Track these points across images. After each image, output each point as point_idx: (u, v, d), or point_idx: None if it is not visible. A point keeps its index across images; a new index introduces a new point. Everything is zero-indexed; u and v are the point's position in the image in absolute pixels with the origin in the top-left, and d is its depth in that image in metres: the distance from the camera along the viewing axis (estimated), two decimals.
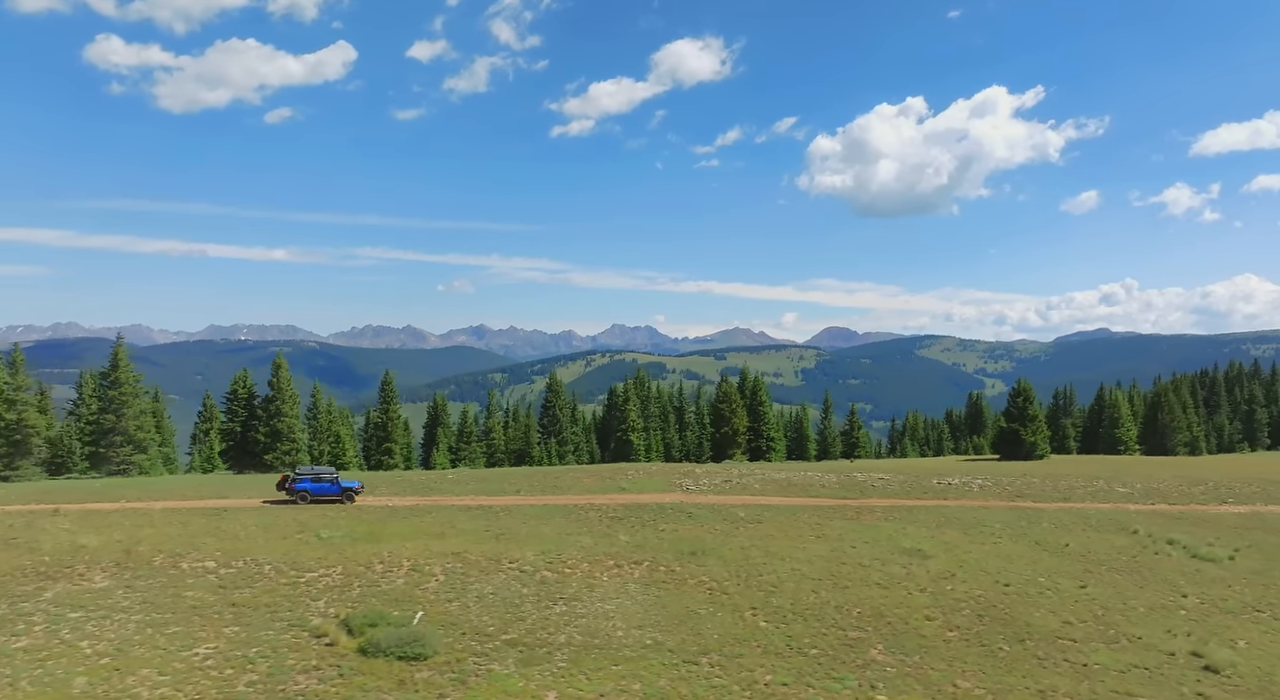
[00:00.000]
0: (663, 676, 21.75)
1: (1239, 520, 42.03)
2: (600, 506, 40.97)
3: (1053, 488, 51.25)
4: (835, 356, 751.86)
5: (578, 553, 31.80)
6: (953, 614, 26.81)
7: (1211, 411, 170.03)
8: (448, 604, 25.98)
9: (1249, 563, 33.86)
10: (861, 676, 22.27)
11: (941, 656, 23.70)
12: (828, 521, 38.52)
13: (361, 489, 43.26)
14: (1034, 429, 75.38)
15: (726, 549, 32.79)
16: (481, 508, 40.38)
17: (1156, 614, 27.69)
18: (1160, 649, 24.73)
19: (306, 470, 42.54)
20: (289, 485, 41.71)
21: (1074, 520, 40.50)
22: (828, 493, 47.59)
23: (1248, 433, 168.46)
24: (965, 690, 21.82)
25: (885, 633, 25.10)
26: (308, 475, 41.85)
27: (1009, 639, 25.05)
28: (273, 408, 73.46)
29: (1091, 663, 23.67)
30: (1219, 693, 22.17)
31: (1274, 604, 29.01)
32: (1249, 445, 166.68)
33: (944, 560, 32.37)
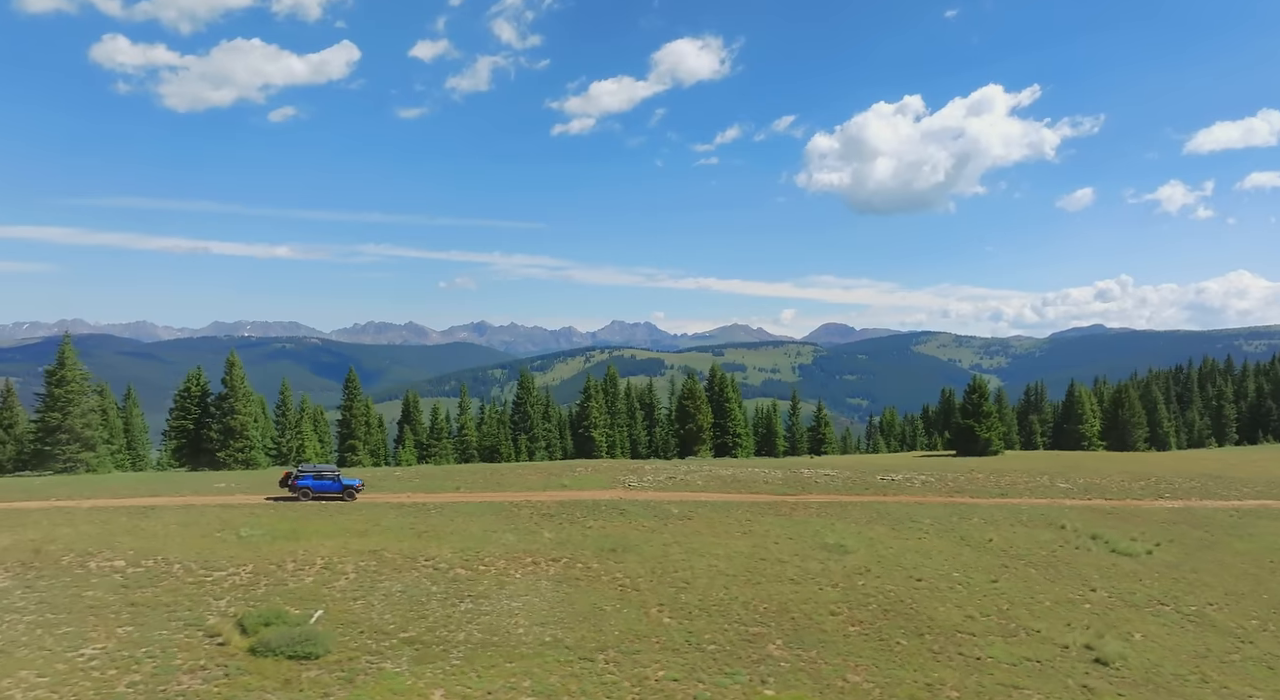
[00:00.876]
0: (555, 673, 21.80)
1: (1169, 515, 42.65)
2: (535, 503, 40.91)
3: (995, 484, 51.76)
4: (832, 353, 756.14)
5: (498, 550, 31.75)
6: (859, 609, 27.05)
7: (1184, 407, 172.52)
8: (352, 602, 25.86)
9: (1165, 557, 34.39)
10: (754, 671, 22.45)
11: (838, 651, 23.92)
12: (758, 518, 38.70)
13: (362, 486, 43.25)
14: (989, 425, 76.13)
15: (648, 546, 32.85)
16: (414, 505, 40.19)
17: (1061, 608, 28.07)
18: (1056, 642, 25.09)
19: (309, 468, 42.65)
20: (291, 482, 41.74)
21: (1006, 516, 40.93)
22: (769, 489, 47.80)
23: (1216, 428, 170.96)
24: (855, 684, 22.06)
25: (787, 628, 25.29)
26: (310, 472, 42.02)
27: (908, 633, 25.32)
28: (226, 405, 72.74)
29: (985, 656, 23.98)
30: (1103, 684, 22.53)
31: (1179, 597, 29.50)
32: (1216, 441, 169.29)
33: (863, 556, 32.63)
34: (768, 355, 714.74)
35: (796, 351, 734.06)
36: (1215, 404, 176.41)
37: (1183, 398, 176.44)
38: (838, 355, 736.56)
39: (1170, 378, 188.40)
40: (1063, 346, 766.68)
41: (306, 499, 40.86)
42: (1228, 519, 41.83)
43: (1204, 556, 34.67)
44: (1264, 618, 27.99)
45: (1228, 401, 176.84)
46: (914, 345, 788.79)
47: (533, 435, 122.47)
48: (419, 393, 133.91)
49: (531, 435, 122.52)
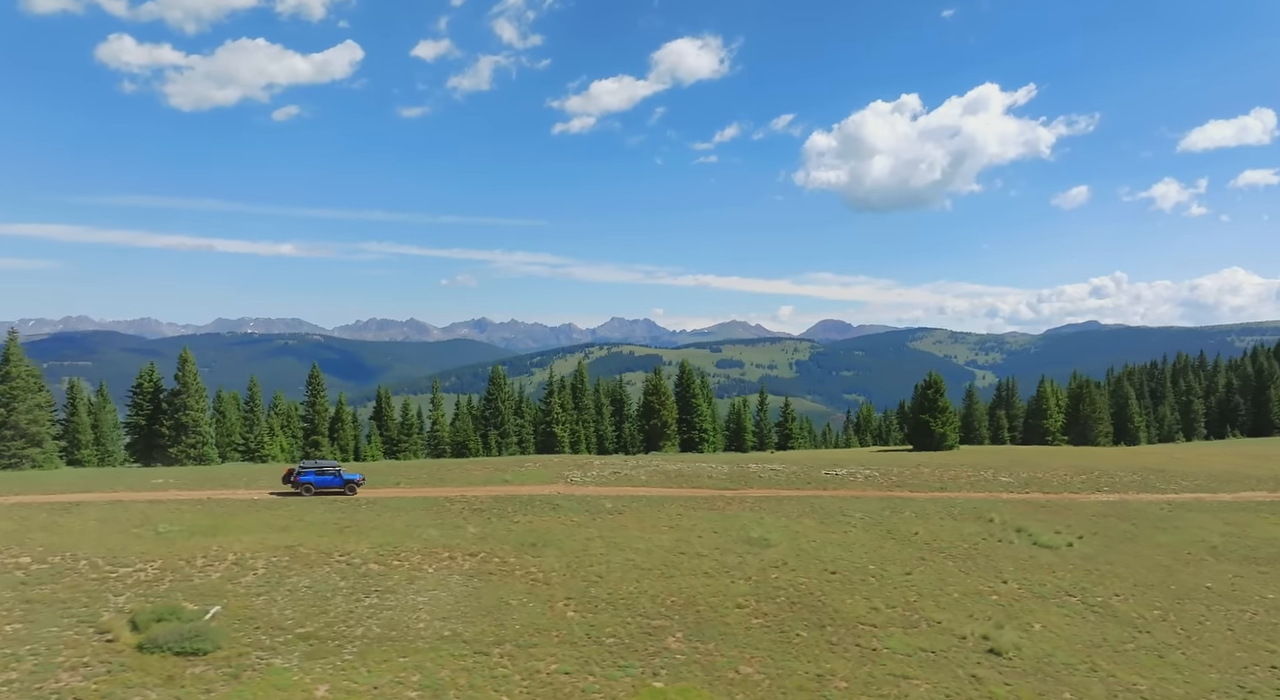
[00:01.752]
0: (446, 667, 21.78)
1: (1101, 508, 43.15)
2: (470, 499, 40.81)
3: (938, 478, 52.16)
4: (829, 349, 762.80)
5: (417, 545, 31.64)
6: (766, 601, 27.19)
7: (1157, 403, 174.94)
8: (255, 598, 25.69)
9: (1085, 549, 34.79)
10: (648, 664, 22.52)
11: (737, 643, 24.04)
12: (690, 512, 38.80)
13: (363, 481, 43.75)
14: (943, 420, 76.76)
15: (570, 540, 32.86)
16: (347, 500, 39.97)
17: (969, 600, 28.34)
18: (955, 633, 25.34)
19: (311, 464, 43.08)
20: (294, 478, 42.18)
21: (939, 509, 41.26)
22: (711, 484, 47.92)
23: (1185, 424, 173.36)
24: (746, 675, 22.19)
25: (691, 621, 25.38)
26: (311, 468, 42.48)
27: (811, 625, 25.49)
28: (178, 401, 71.97)
29: (882, 647, 24.19)
30: (992, 674, 22.79)
31: (1087, 588, 29.87)
32: (1184, 436, 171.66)
33: (784, 549, 32.79)
34: (765, 352, 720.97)
35: (794, 348, 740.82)
36: (1185, 400, 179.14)
37: (1156, 393, 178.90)
38: (834, 351, 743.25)
39: (1145, 374, 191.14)
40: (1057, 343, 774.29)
41: (309, 494, 41.29)
42: (1157, 512, 42.36)
43: (1123, 549, 35.10)
44: (1166, 608, 28.38)
45: (1196, 397, 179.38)
46: (910, 342, 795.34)
47: (504, 431, 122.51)
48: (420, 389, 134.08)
49: (503, 431, 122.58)
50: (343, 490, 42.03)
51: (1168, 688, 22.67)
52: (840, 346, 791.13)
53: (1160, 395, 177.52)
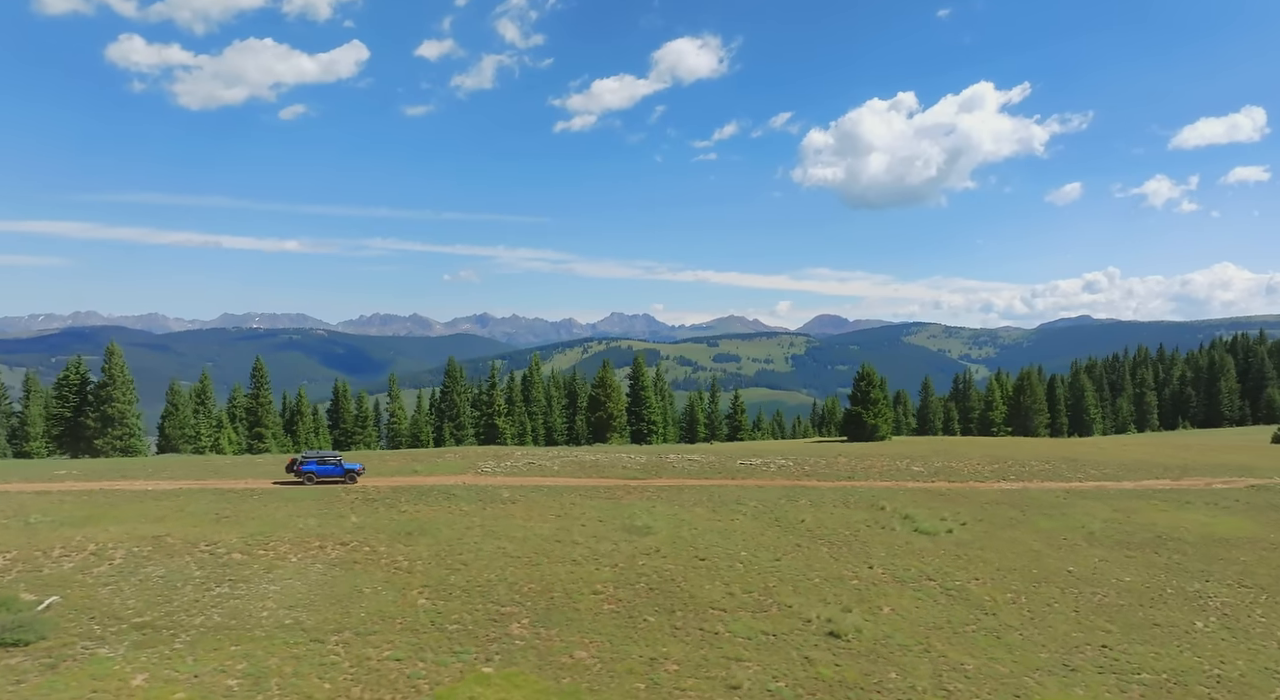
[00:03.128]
0: (276, 655, 21.69)
1: (998, 496, 43.91)
2: (369, 489, 40.67)
3: (851, 468, 52.83)
4: (825, 343, 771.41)
5: (291, 534, 31.48)
6: (624, 588, 27.39)
7: (1116, 395, 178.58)
8: (101, 588, 25.43)
9: (963, 535, 35.41)
10: (485, 650, 22.61)
11: (580, 629, 24.20)
12: (584, 501, 38.95)
13: (363, 470, 44.54)
14: (875, 412, 77.69)
15: (448, 529, 32.86)
16: (240, 491, 39.65)
17: (828, 584, 28.75)
18: (802, 617, 25.70)
19: (313, 454, 43.80)
20: (297, 467, 42.91)
21: (836, 498, 41.76)
22: (622, 474, 48.14)
23: (1139, 415, 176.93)
24: (579, 659, 22.35)
25: (541, 607, 25.51)
26: (313, 458, 43.25)
27: (661, 611, 25.73)
28: (104, 393, 70.88)
29: (725, 631, 24.49)
30: (825, 655, 23.18)
31: (949, 573, 30.42)
32: (1137, 427, 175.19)
33: (663, 537, 33.04)
34: (762, 346, 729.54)
35: (790, 342, 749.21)
36: (1138, 392, 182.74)
37: (1116, 386, 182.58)
38: (830, 346, 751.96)
39: (1106, 367, 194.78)
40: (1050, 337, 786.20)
41: (311, 483, 42.04)
42: (1051, 499, 43.20)
43: (1002, 535, 35.77)
44: (1020, 591, 28.99)
45: (1149, 389, 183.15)
46: (905, 336, 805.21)
47: (459, 423, 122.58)
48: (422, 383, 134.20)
49: (458, 423, 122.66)
50: (343, 479, 42.65)
51: (994, 666, 23.17)
52: (836, 341, 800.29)
53: (1120, 388, 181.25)
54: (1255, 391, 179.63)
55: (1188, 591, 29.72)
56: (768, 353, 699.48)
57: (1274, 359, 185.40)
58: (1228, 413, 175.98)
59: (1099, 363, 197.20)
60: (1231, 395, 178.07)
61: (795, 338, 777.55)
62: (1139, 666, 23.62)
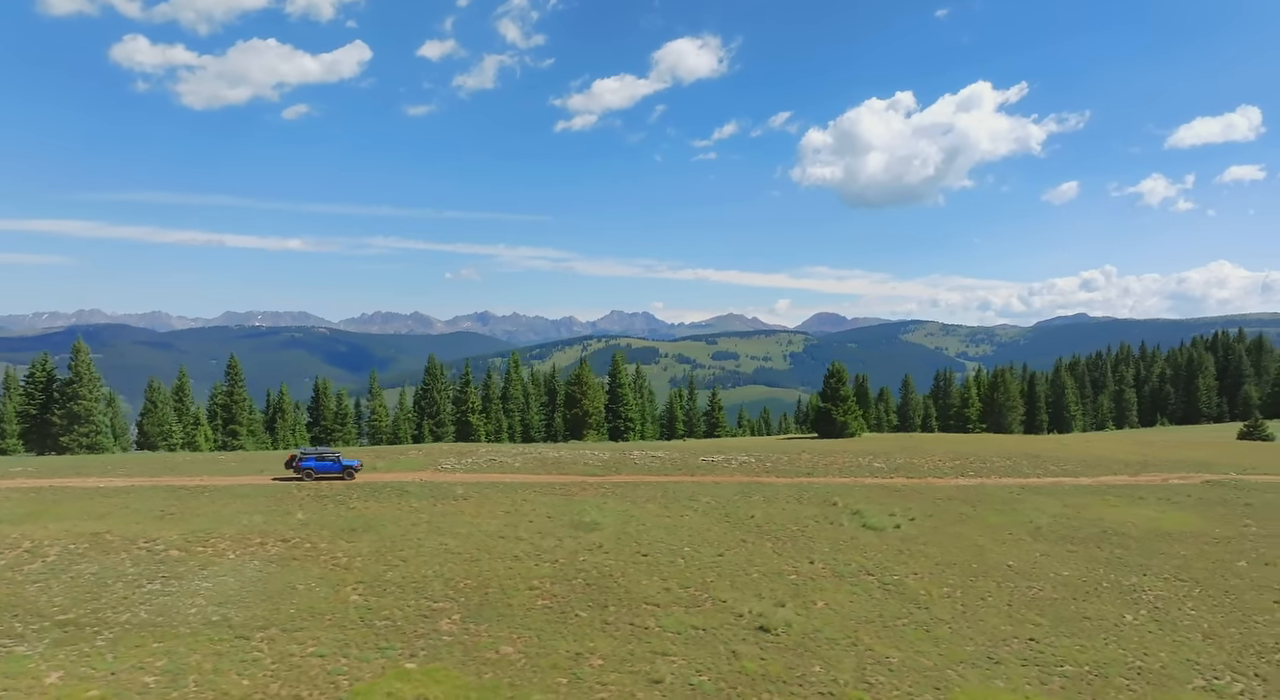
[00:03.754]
0: (199, 652, 21.66)
1: (953, 492, 44.15)
2: (322, 486, 40.56)
3: (812, 464, 53.03)
4: (822, 341, 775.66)
5: (233, 531, 31.40)
6: (561, 583, 27.45)
7: (1098, 392, 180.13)
8: (30, 586, 25.32)
9: (911, 531, 35.63)
10: (411, 646, 22.63)
11: (511, 624, 24.25)
12: (537, 497, 38.97)
13: (360, 466, 44.89)
14: (845, 409, 78.01)
15: (394, 526, 32.85)
16: (191, 488, 39.48)
17: (767, 579, 28.89)
18: (734, 611, 25.83)
19: (311, 450, 44.15)
20: (296, 463, 43.29)
21: (791, 494, 41.93)
22: (583, 470, 48.17)
23: (1118, 412, 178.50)
24: (504, 655, 22.41)
25: (473, 604, 25.54)
26: (312, 454, 43.67)
27: (594, 606, 25.81)
28: (70, 391, 70.35)
29: (655, 625, 24.59)
30: (752, 649, 23.30)
31: (888, 567, 30.61)
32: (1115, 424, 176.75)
33: (609, 533, 33.11)
34: (760, 344, 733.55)
35: (788, 340, 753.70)
36: (1117, 389, 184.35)
37: (1098, 383, 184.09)
38: (828, 344, 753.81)
39: (1089, 364, 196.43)
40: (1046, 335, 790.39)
41: (310, 479, 42.42)
42: (1006, 495, 43.49)
43: (949, 530, 35.99)
44: (957, 585, 29.19)
45: (1128, 386, 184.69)
46: (902, 334, 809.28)
47: (439, 420, 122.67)
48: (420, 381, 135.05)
49: (438, 420, 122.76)
50: (341, 475, 43.08)
51: (919, 659, 23.35)
52: (834, 339, 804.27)
53: (1102, 385, 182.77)
54: (1233, 388, 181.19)
55: (1123, 585, 30.01)
56: (766, 350, 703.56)
57: (1252, 356, 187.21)
58: (1205, 409, 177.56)
59: (1082, 360, 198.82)
60: (1209, 392, 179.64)
61: (794, 336, 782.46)
62: (1063, 659, 23.85)
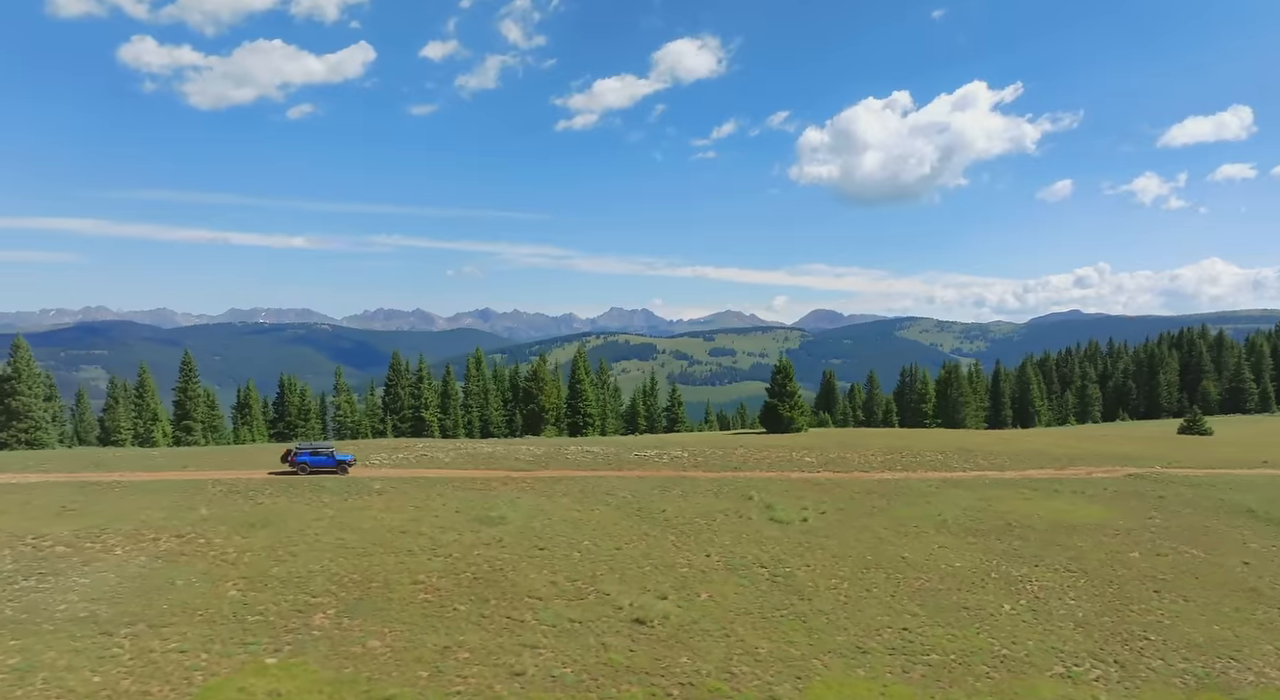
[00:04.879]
0: (56, 649, 21.49)
1: (873, 485, 44.69)
2: (237, 481, 40.33)
3: (744, 459, 53.42)
4: (819, 337, 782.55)
5: (129, 527, 31.16)
6: (449, 578, 27.52)
7: (1065, 388, 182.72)
8: None
9: (817, 524, 36.03)
10: (277, 641, 22.60)
11: (385, 619, 24.28)
12: (453, 492, 39.00)
13: (354, 461, 45.58)
14: (791, 404, 78.58)
15: (295, 521, 32.75)
16: (104, 484, 39.11)
17: (658, 572, 29.12)
18: (615, 604, 26.04)
19: (307, 445, 44.99)
20: (291, 458, 44.13)
21: (710, 488, 42.24)
22: (513, 465, 48.21)
23: (1081, 407, 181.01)
24: (371, 649, 22.44)
25: (353, 598, 25.54)
26: (307, 449, 44.47)
27: (476, 600, 25.91)
28: (7, 387, 69.35)
29: (531, 618, 24.74)
30: (623, 641, 23.52)
31: (782, 560, 30.95)
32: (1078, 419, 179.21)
33: (513, 527, 33.21)
34: (757, 340, 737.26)
35: (785, 336, 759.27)
36: (1081, 385, 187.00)
37: (1066, 379, 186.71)
38: (824, 340, 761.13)
39: (1057, 361, 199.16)
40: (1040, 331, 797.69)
41: (304, 473, 43.16)
42: (926, 488, 44.08)
43: (856, 523, 36.42)
44: (846, 577, 29.57)
45: (1091, 382, 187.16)
46: (898, 330, 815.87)
47: (403, 416, 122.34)
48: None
49: (401, 416, 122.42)
50: (335, 470, 43.60)
51: (788, 649, 23.67)
52: (830, 335, 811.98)
53: (1069, 380, 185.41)
54: (1194, 384, 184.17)
55: (1012, 576, 30.54)
56: (763, 347, 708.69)
57: (1213, 353, 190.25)
58: (1166, 405, 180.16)
59: (1052, 356, 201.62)
60: (1170, 388, 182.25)
61: (790, 332, 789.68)
62: (931, 648, 24.27)
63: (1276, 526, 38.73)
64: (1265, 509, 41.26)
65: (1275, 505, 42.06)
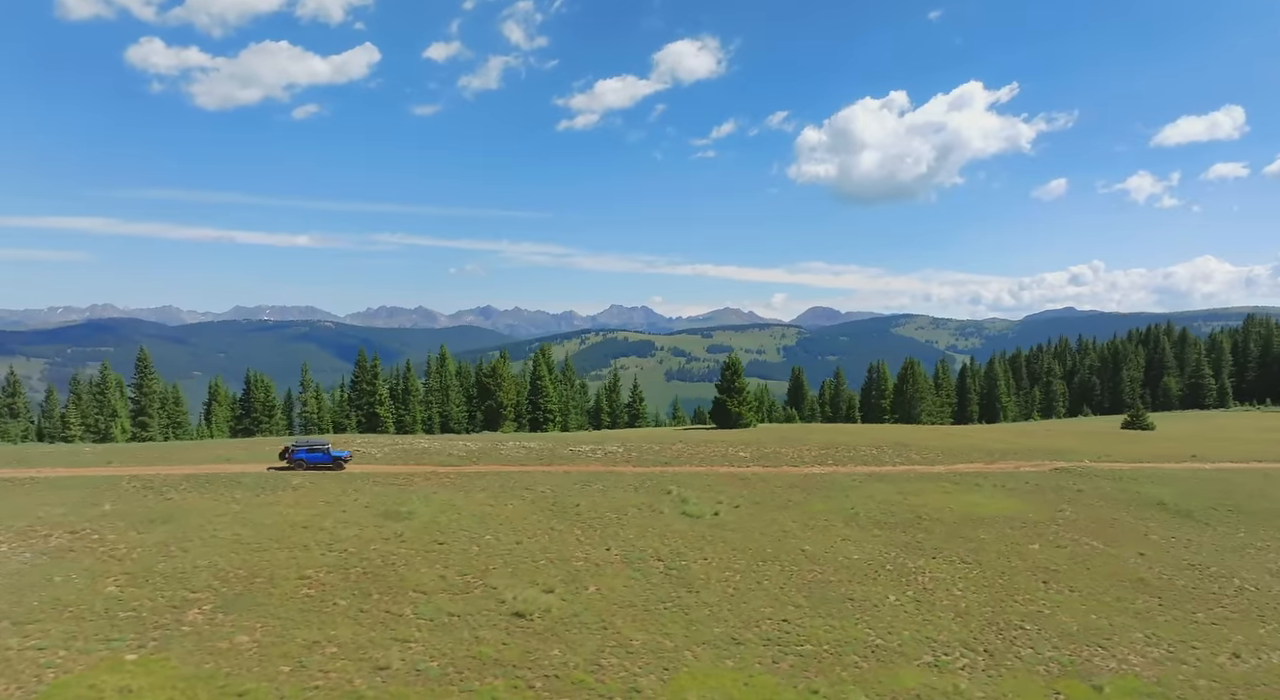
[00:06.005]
0: None
1: (797, 480, 44.99)
2: (158, 477, 40.03)
3: (678, 453, 53.64)
4: (816, 334, 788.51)
5: (23, 523, 30.86)
6: (337, 573, 27.46)
7: (1034, 384, 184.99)
8: None
9: (728, 517, 36.27)
10: (143, 637, 22.47)
11: (261, 614, 24.19)
12: (370, 487, 38.90)
13: (350, 457, 46.11)
14: (740, 400, 78.99)
15: (199, 517, 32.56)
16: (17, 480, 38.68)
17: (553, 566, 29.22)
18: (499, 598, 26.13)
19: (304, 441, 45.61)
20: (289, 455, 44.53)
21: (632, 483, 42.34)
22: (442, 461, 48.14)
23: (1045, 403, 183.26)
24: (238, 644, 22.36)
25: (233, 594, 25.42)
26: (304, 446, 44.90)
27: (358, 594, 25.88)
28: None
29: (410, 613, 24.76)
30: (497, 635, 23.60)
31: (682, 553, 31.15)
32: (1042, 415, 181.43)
33: (419, 522, 33.19)
34: (754, 337, 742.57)
35: (782, 334, 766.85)
36: (1045, 381, 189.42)
37: (1035, 375, 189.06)
38: (820, 337, 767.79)
39: (1028, 358, 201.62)
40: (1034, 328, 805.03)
41: (301, 469, 43.55)
42: (849, 482, 44.44)
43: (766, 516, 36.71)
44: (741, 570, 29.81)
45: (1056, 379, 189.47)
46: (893, 327, 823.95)
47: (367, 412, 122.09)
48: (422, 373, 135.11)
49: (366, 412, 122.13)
50: (331, 466, 44.08)
51: (662, 641, 23.86)
52: (826, 332, 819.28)
53: (1038, 377, 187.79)
54: (1156, 380, 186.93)
55: (908, 567, 30.93)
56: (760, 344, 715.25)
57: (1176, 349, 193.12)
58: (1129, 400, 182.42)
59: (1024, 353, 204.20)
60: (1134, 384, 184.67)
61: (787, 329, 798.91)
62: (807, 639, 24.54)
63: (1184, 518, 39.51)
64: (1177, 501, 42.05)
65: (1187, 498, 42.88)
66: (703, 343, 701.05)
